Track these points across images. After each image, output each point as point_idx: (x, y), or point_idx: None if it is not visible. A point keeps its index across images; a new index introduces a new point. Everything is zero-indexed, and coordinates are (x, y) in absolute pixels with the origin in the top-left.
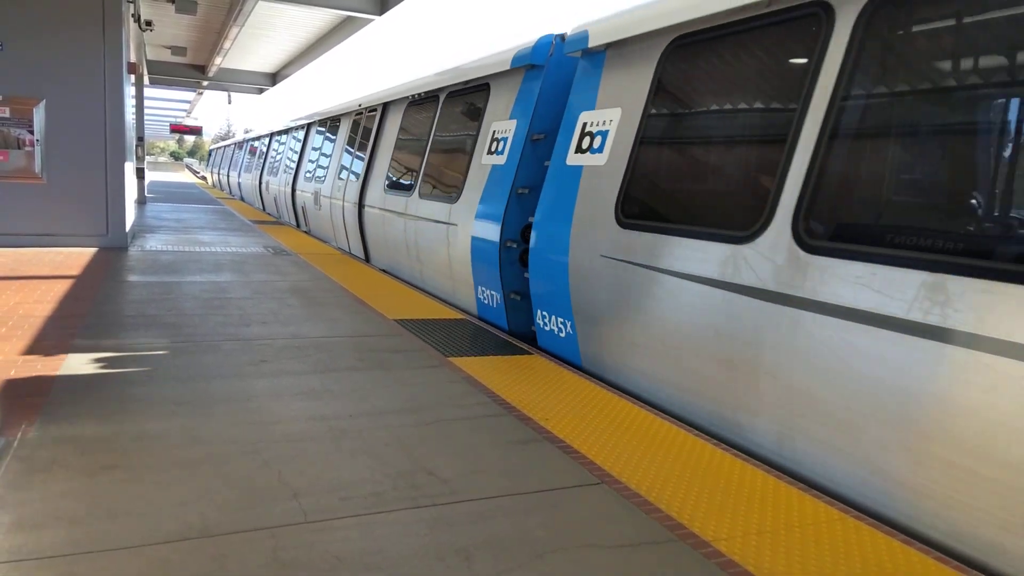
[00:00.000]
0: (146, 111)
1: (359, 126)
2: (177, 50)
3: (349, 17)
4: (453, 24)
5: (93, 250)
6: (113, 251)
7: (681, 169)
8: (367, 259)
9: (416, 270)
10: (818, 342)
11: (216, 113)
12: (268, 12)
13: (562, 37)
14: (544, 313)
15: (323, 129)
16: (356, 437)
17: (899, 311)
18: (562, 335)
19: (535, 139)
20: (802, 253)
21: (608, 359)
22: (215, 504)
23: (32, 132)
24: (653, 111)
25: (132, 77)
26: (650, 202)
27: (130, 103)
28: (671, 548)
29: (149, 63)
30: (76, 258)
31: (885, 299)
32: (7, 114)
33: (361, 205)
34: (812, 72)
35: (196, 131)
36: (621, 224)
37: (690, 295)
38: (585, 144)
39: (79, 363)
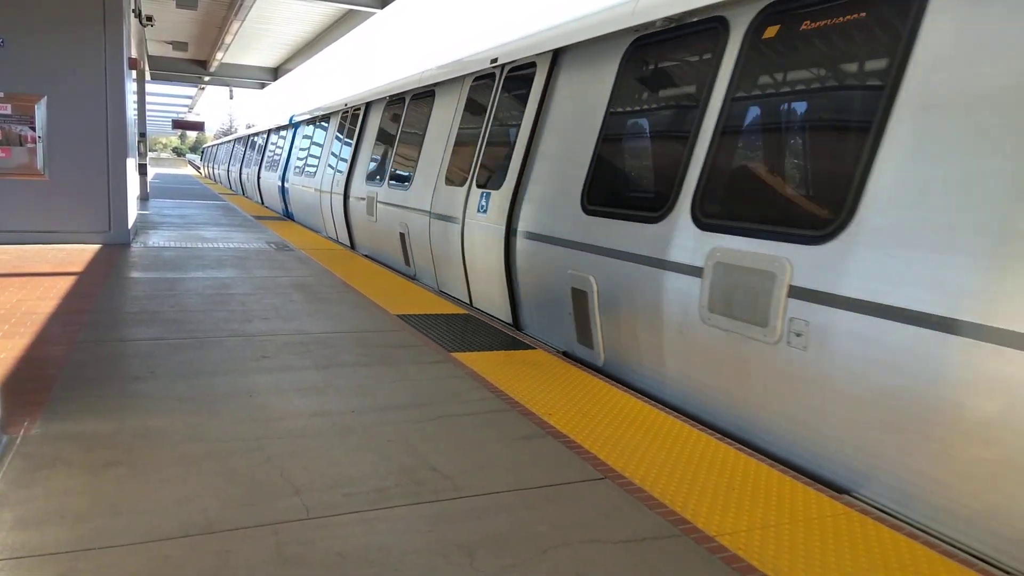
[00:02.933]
0: (148, 107)
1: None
2: (178, 45)
3: (350, 11)
4: (454, 17)
5: (96, 247)
6: (116, 248)
7: (303, 159)
8: (261, 202)
9: (273, 205)
10: (301, 195)
11: (218, 108)
12: (269, 6)
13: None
14: (289, 208)
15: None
16: (359, 433)
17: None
18: (291, 213)
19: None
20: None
21: (298, 218)
22: (218, 500)
23: (34, 129)
24: (300, 144)
25: (133, 72)
26: (297, 169)
27: (132, 99)
28: (675, 543)
29: (150, 58)
30: (79, 255)
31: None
32: (9, 111)
33: (259, 177)
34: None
35: (198, 126)
36: (293, 173)
37: (304, 194)
38: (299, 154)
39: (82, 360)
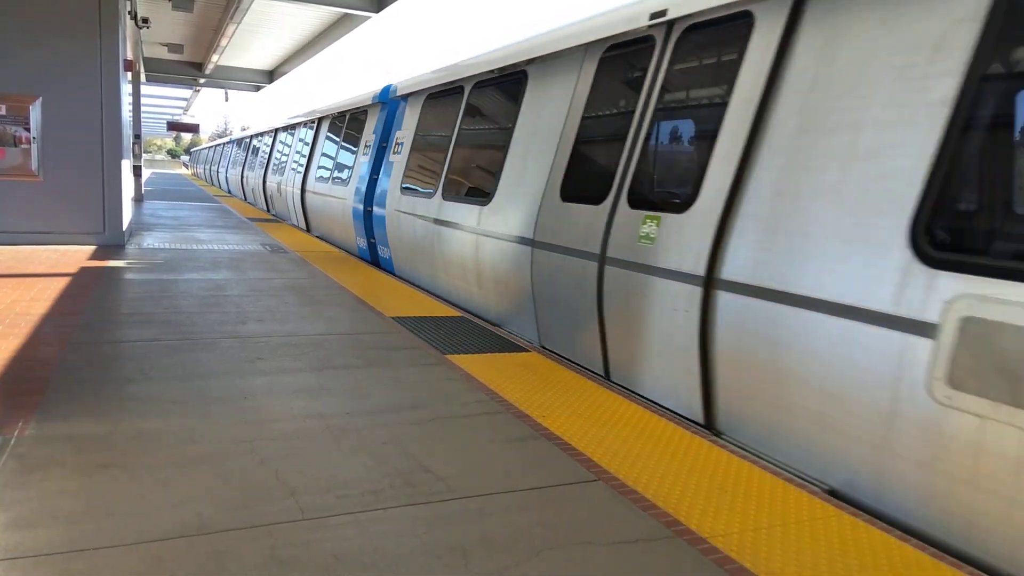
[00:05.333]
0: (143, 108)
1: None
2: (174, 47)
3: (346, 15)
4: (449, 22)
5: (90, 248)
6: (110, 249)
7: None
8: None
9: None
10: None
11: (213, 110)
12: (265, 9)
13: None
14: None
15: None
16: (353, 435)
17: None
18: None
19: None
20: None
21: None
22: (212, 502)
23: (28, 130)
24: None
25: (129, 74)
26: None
27: (127, 101)
28: (668, 545)
29: (146, 60)
30: (73, 256)
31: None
32: (3, 112)
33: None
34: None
35: (193, 129)
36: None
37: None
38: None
39: (76, 361)
